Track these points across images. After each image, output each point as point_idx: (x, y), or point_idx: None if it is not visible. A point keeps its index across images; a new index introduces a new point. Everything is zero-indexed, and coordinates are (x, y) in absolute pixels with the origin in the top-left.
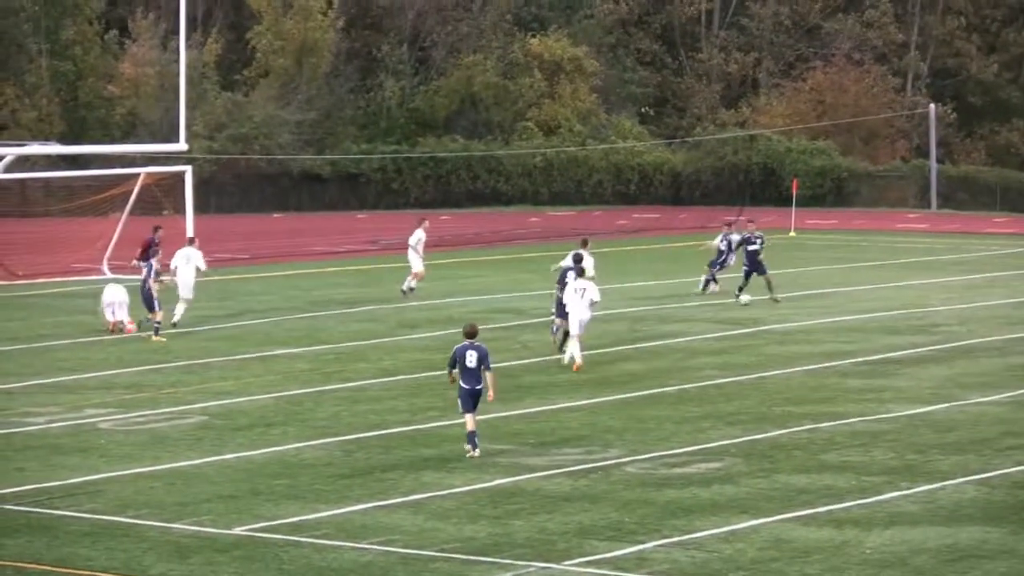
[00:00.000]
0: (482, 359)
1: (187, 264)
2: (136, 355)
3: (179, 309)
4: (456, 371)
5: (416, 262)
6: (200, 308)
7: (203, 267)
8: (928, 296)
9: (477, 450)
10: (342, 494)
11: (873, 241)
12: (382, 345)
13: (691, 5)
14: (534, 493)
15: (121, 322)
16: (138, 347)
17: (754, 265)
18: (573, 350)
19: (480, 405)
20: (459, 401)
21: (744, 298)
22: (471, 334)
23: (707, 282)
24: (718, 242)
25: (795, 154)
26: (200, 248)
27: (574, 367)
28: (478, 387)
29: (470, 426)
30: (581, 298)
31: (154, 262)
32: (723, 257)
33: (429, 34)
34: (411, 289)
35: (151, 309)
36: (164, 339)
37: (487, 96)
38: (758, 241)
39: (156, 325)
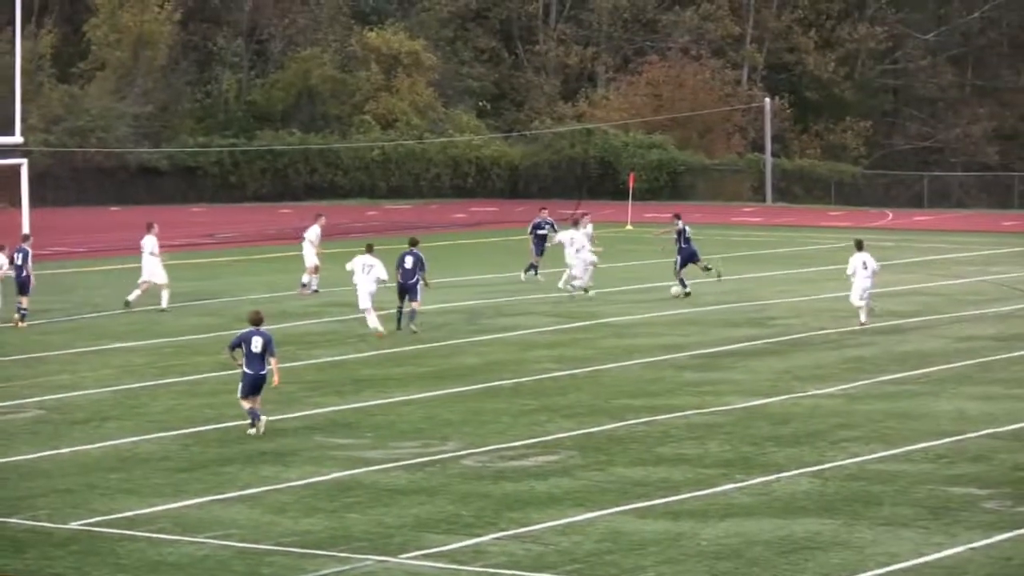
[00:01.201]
0: (267, 345)
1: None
2: None
3: None
4: (236, 353)
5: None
6: (36, 302)
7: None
8: (763, 289)
9: (260, 424)
10: (178, 488)
11: (709, 235)
12: (220, 338)
13: (531, 2)
14: (371, 486)
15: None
16: None
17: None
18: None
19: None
20: (241, 385)
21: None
22: (256, 321)
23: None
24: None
25: (632, 148)
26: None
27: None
28: (262, 372)
29: (247, 405)
30: (367, 274)
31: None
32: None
33: (266, 27)
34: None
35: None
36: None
37: (324, 89)
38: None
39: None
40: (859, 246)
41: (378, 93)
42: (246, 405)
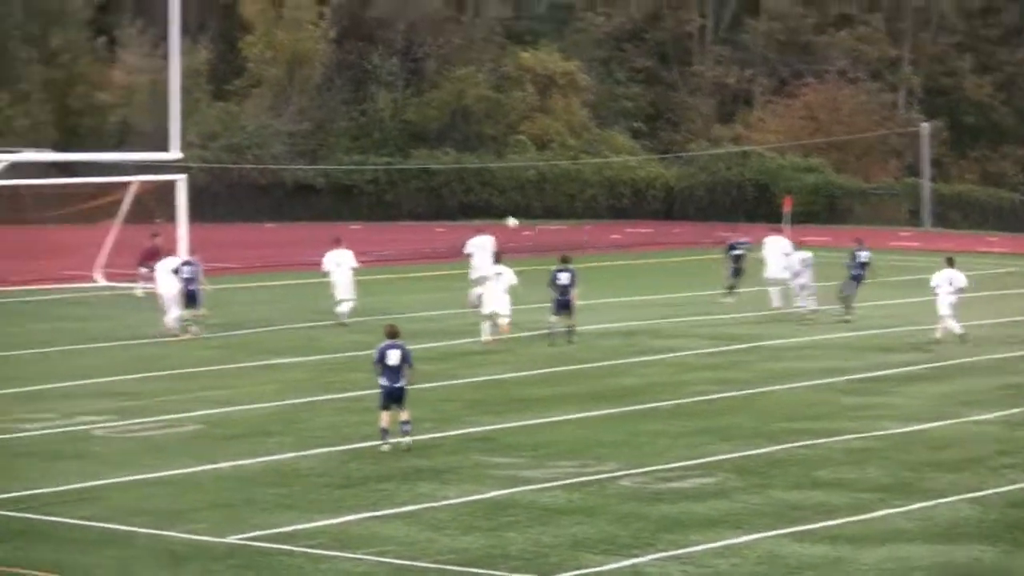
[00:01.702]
0: (404, 357)
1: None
2: (130, 363)
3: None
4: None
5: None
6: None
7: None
8: (922, 314)
9: (387, 446)
10: (337, 504)
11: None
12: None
13: (687, 23)
14: (529, 505)
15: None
16: (132, 355)
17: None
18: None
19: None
20: (380, 398)
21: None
22: (392, 334)
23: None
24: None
25: (788, 171)
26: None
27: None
28: (397, 385)
29: (383, 423)
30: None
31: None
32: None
33: (421, 45)
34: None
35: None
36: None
37: (479, 109)
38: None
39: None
40: (950, 263)
41: (533, 113)
42: (383, 421)
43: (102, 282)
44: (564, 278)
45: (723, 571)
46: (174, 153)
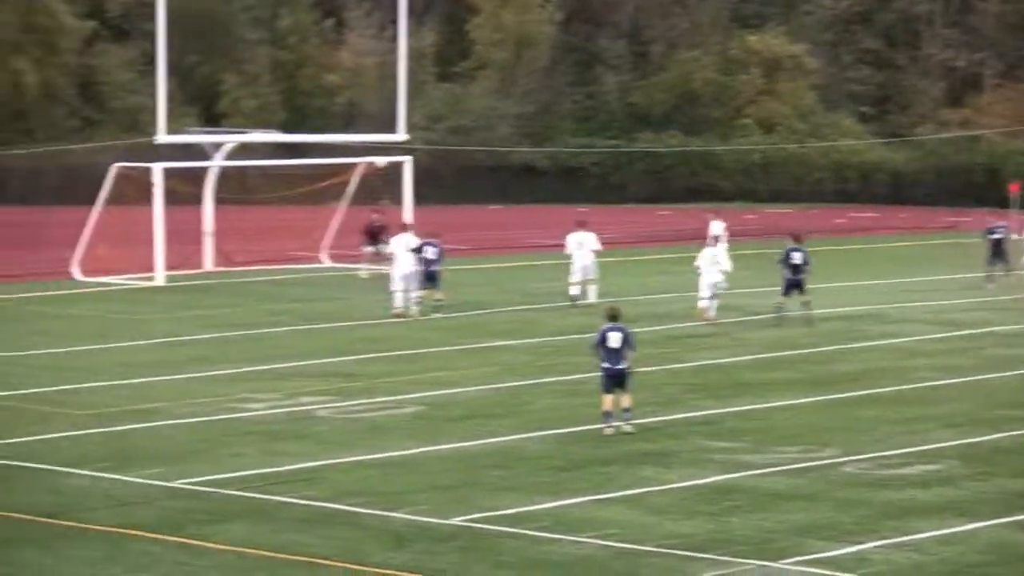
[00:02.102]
0: (625, 339)
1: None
2: (352, 344)
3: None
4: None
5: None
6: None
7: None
8: None
9: (610, 429)
10: (559, 487)
11: None
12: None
13: (916, 4)
14: (751, 490)
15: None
16: (355, 336)
17: None
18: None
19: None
20: (602, 381)
21: None
22: (613, 316)
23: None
24: None
25: (1018, 156)
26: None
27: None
28: (618, 367)
29: (606, 406)
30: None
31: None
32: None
33: (648, 29)
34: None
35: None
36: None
37: (705, 92)
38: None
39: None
40: None
41: (759, 97)
42: (606, 404)
43: (328, 263)
44: (797, 257)
45: (948, 559)
46: (400, 135)
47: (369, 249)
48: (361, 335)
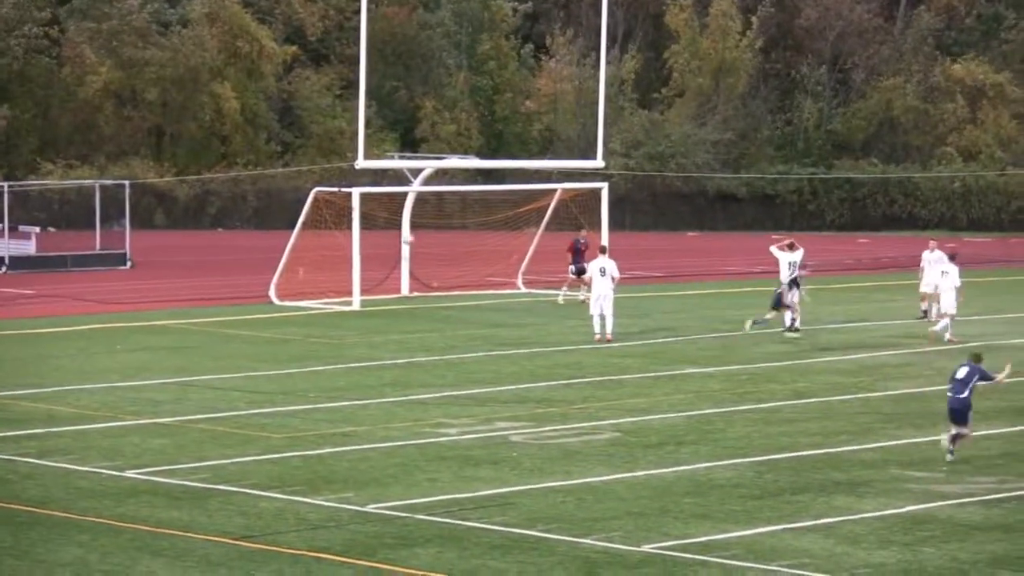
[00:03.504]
0: (973, 372)
1: (602, 276)
2: (548, 370)
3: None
4: None
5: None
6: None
7: (616, 276)
8: None
9: (950, 455)
10: (752, 515)
11: None
12: (795, 367)
13: None
14: (946, 521)
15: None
16: (549, 361)
17: None
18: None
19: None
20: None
21: None
22: (975, 357)
23: None
24: None
25: None
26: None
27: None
28: (959, 396)
29: (948, 433)
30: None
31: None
32: None
33: (849, 56)
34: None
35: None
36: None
37: (906, 120)
38: None
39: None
40: None
41: (962, 125)
42: (946, 434)
43: (523, 288)
44: None
45: None
46: (598, 161)
47: (572, 268)
48: (557, 361)
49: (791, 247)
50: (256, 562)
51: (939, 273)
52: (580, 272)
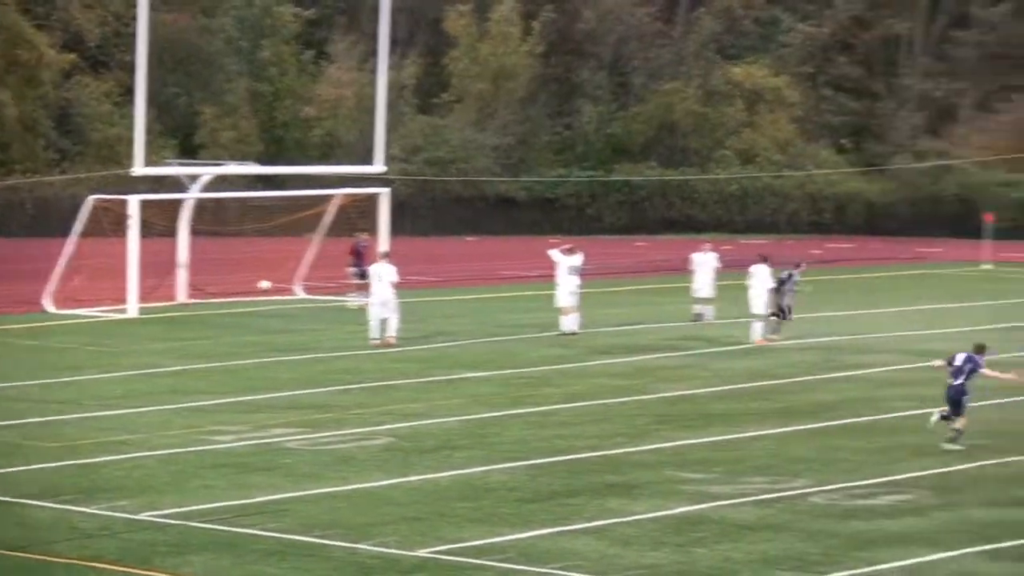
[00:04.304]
0: (968, 360)
1: (380, 282)
2: (325, 375)
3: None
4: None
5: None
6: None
7: (395, 280)
8: None
9: (950, 445)
10: (526, 518)
11: None
12: (571, 370)
13: (891, 26)
14: (719, 521)
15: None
16: (326, 367)
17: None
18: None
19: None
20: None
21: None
22: (977, 348)
23: None
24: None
25: (993, 186)
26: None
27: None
28: (953, 383)
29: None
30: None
31: None
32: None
33: (629, 60)
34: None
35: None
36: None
37: (686, 124)
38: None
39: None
40: None
41: (740, 128)
42: (938, 412)
43: (301, 295)
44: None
45: None
46: (378, 166)
47: (352, 271)
48: (333, 366)
49: (570, 251)
50: (33, 573)
51: (710, 275)
52: (362, 275)
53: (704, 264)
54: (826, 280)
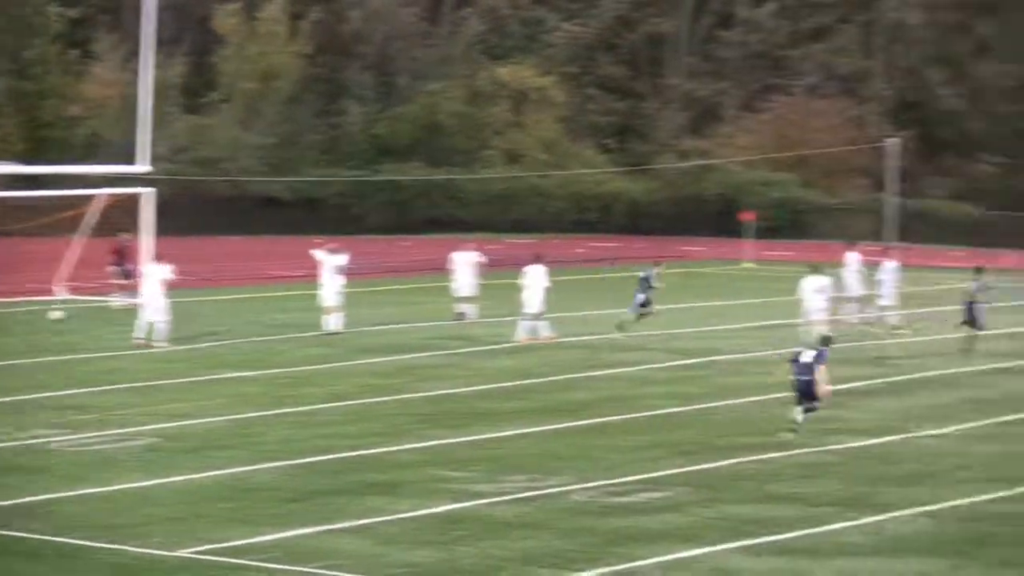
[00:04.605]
0: (816, 357)
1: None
2: (88, 375)
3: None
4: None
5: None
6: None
7: (167, 278)
8: (882, 328)
9: (793, 435)
10: (289, 518)
11: (834, 273)
12: (334, 370)
13: (657, 24)
14: (480, 520)
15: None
16: (89, 368)
17: None
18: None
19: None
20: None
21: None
22: (823, 340)
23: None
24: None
25: (754, 185)
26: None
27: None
28: (804, 378)
29: (801, 407)
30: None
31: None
32: None
33: (396, 60)
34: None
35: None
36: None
37: (452, 124)
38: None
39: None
40: (814, 270)
41: (506, 129)
42: (799, 408)
43: (63, 295)
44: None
45: None
46: (142, 166)
47: (114, 270)
48: (97, 367)
49: (335, 251)
50: None
51: (471, 274)
52: (126, 275)
53: (465, 263)
54: (590, 280)
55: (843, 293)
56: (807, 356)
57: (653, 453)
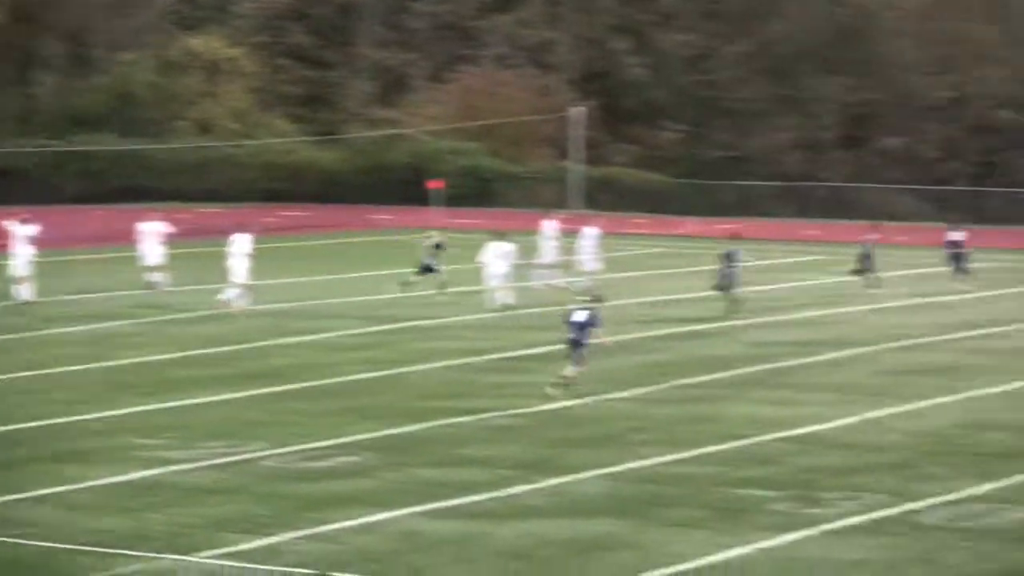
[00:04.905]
0: (590, 318)
1: None
2: None
3: None
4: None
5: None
6: None
7: None
8: (566, 295)
9: (558, 390)
10: None
11: (519, 241)
12: (27, 339)
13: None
14: (173, 486)
15: None
16: None
17: None
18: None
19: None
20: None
21: None
22: (595, 299)
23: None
24: None
25: (442, 155)
26: None
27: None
28: (573, 337)
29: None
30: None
31: None
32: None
33: (90, 31)
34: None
35: None
36: None
37: (145, 95)
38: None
39: None
40: (499, 236)
41: (199, 99)
42: (572, 365)
43: None
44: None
45: (361, 548)
46: None
47: None
48: None
49: (26, 221)
50: None
51: (158, 243)
52: None
53: (151, 233)
54: (281, 248)
55: (536, 260)
56: (579, 316)
57: (347, 418)
